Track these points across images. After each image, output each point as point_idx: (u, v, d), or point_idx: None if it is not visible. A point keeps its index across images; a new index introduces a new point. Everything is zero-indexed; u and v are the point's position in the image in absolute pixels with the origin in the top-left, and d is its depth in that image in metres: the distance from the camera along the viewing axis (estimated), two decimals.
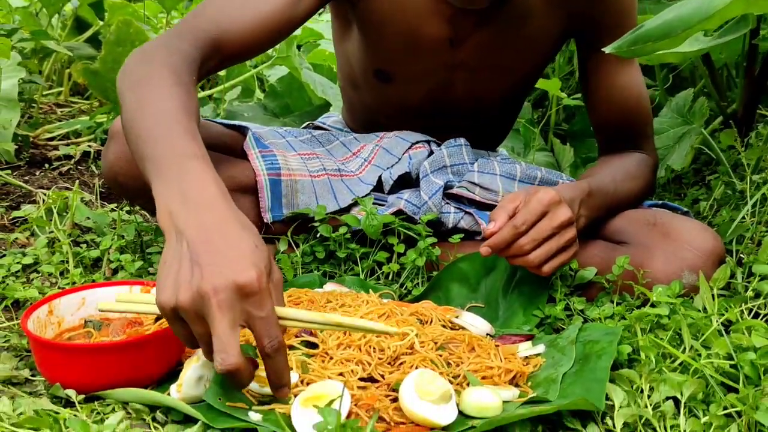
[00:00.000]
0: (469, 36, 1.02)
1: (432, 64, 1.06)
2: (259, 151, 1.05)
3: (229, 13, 0.88)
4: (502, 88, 1.12)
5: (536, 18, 1.02)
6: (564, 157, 1.64)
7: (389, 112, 1.17)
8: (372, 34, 1.06)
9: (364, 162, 1.14)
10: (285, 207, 1.04)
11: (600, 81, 1.05)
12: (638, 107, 1.06)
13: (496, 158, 1.18)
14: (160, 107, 0.72)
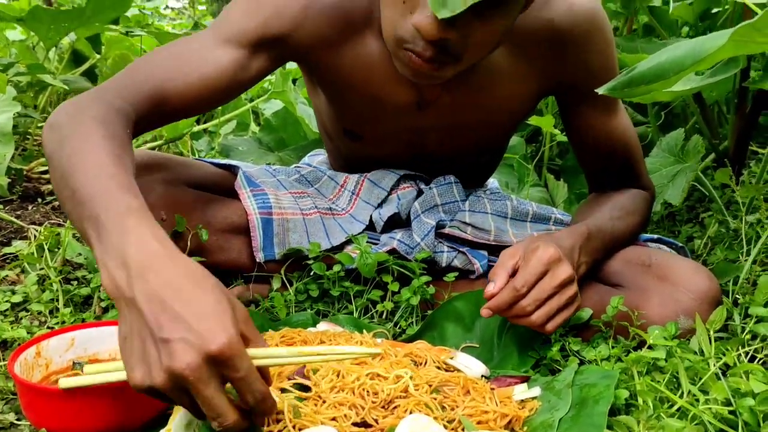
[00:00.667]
0: (436, 99, 1.00)
1: (400, 126, 1.04)
2: (250, 191, 1.05)
3: (169, 71, 0.85)
4: (478, 143, 1.11)
5: (507, 80, 0.99)
6: (558, 193, 1.64)
7: (366, 163, 1.16)
8: (336, 96, 1.04)
9: (352, 195, 1.14)
10: (277, 246, 1.04)
11: (585, 130, 1.04)
12: (627, 150, 1.05)
13: (487, 194, 1.18)
14: (92, 162, 0.66)
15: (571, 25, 0.95)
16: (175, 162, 1.03)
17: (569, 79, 1.00)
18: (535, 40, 0.96)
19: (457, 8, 0.70)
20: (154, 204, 0.93)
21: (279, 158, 1.90)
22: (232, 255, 1.03)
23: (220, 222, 1.02)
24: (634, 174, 1.07)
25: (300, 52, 0.95)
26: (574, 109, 1.04)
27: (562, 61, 0.98)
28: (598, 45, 0.97)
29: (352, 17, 0.94)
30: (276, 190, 1.10)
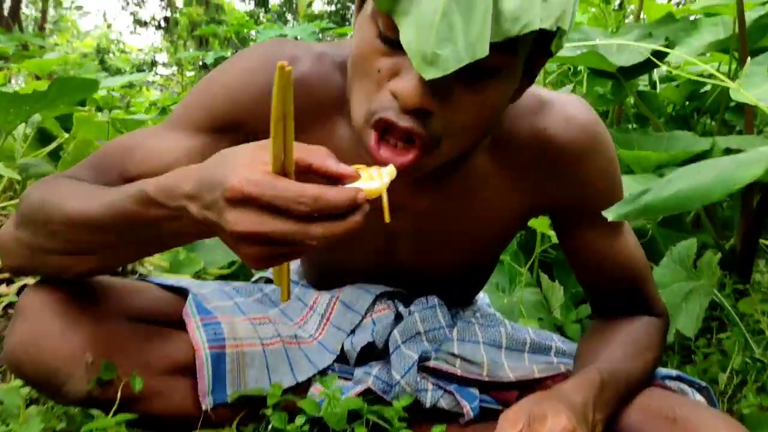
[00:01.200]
0: (406, 203, 0.86)
1: (366, 230, 0.91)
2: (200, 319, 0.90)
3: (129, 162, 0.82)
4: (458, 259, 0.96)
5: (492, 191, 0.86)
6: (553, 296, 1.50)
7: (335, 274, 1.02)
8: None
9: (322, 319, 0.98)
10: (230, 386, 0.88)
11: (587, 254, 0.91)
12: (635, 274, 0.92)
13: (478, 318, 1.03)
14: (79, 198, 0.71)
15: (568, 138, 0.83)
16: (111, 289, 0.88)
17: (566, 200, 0.87)
18: (527, 150, 0.84)
19: (449, 67, 0.60)
20: (80, 345, 0.79)
21: None
22: (174, 401, 0.86)
23: (161, 361, 0.86)
24: (643, 299, 0.93)
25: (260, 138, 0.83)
26: (573, 231, 0.91)
27: (557, 178, 0.85)
28: (600, 163, 0.85)
29: (319, 100, 0.83)
30: (232, 317, 0.94)
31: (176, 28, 15.37)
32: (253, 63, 0.83)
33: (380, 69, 0.67)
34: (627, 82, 1.57)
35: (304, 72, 0.82)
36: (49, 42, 13.06)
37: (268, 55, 0.83)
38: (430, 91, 0.64)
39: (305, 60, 0.83)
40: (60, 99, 2.02)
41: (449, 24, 0.60)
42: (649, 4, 2.11)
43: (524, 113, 0.82)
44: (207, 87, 0.86)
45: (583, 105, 0.85)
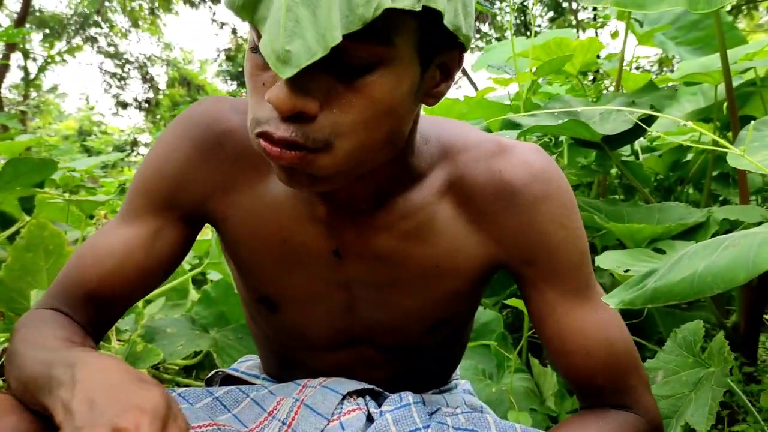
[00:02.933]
0: (357, 246, 0.79)
1: (318, 283, 0.83)
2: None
3: (89, 267, 0.79)
4: (419, 313, 0.86)
5: (445, 237, 0.79)
6: (546, 383, 1.37)
7: (292, 346, 0.92)
8: (243, 253, 0.85)
9: (282, 426, 0.85)
10: None
11: (550, 324, 0.79)
12: (609, 357, 0.78)
13: (458, 418, 0.90)
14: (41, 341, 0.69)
15: (524, 183, 0.76)
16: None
17: (521, 251, 0.78)
18: (481, 194, 0.77)
19: (301, 62, 0.55)
20: None
21: (215, 341, 1.62)
22: None
23: None
24: (623, 391, 0.79)
25: (198, 210, 0.82)
26: (532, 292, 0.80)
27: (511, 225, 0.77)
28: (556, 210, 0.76)
29: (249, 152, 0.78)
30: None
31: (158, 108, 15.58)
32: (176, 132, 0.81)
33: (264, 83, 0.63)
34: (612, 152, 1.50)
35: (230, 125, 0.79)
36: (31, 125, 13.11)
37: (188, 121, 0.81)
38: (301, 92, 0.59)
39: (230, 114, 0.80)
40: (15, 180, 1.92)
41: (296, 18, 0.56)
42: (627, 76, 2.08)
43: (481, 156, 0.77)
44: (141, 171, 0.83)
45: (541, 152, 0.79)
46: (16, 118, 7.34)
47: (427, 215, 0.78)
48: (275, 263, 0.82)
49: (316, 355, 0.90)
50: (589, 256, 0.80)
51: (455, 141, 0.79)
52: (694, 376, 0.93)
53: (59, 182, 2.19)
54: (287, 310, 0.86)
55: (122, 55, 16.73)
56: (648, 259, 1.18)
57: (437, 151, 0.78)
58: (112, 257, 0.79)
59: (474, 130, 0.82)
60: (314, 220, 0.78)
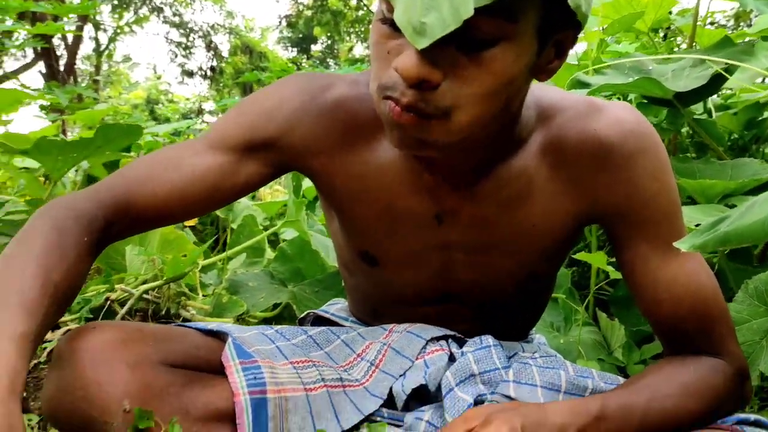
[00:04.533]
0: (458, 212, 0.85)
1: (419, 244, 0.89)
2: (240, 363, 0.85)
3: (142, 177, 0.82)
4: (512, 272, 0.91)
5: (542, 196, 0.83)
6: (613, 335, 1.40)
7: (387, 299, 0.99)
8: (347, 210, 0.90)
9: (371, 366, 0.93)
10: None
11: (641, 272, 0.82)
12: (698, 305, 0.81)
13: (536, 360, 0.95)
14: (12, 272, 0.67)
15: (619, 140, 0.79)
16: (149, 336, 0.84)
17: (616, 205, 0.82)
18: (577, 152, 0.81)
19: (436, 34, 0.59)
20: (116, 394, 0.75)
21: (293, 294, 1.71)
22: None
23: (201, 409, 0.81)
24: (711, 337, 0.82)
25: (296, 161, 0.87)
26: (625, 243, 0.83)
27: (607, 181, 0.81)
28: (651, 164, 0.80)
29: (359, 120, 0.83)
30: (272, 361, 0.89)
31: (221, 76, 15.87)
32: (289, 89, 0.86)
33: (389, 51, 0.67)
34: (684, 110, 1.49)
35: (342, 95, 0.84)
36: (103, 95, 13.60)
37: (303, 84, 0.85)
38: (428, 62, 0.63)
39: (341, 85, 0.85)
40: (106, 145, 2.05)
41: None
42: (701, 32, 2.03)
43: (575, 117, 0.80)
44: (242, 107, 0.88)
45: (633, 110, 0.82)
46: (91, 88, 7.67)
47: (526, 180, 0.82)
48: (379, 224, 0.88)
49: (407, 307, 0.97)
50: (680, 208, 0.83)
51: (550, 104, 0.82)
52: (764, 325, 0.96)
53: (143, 146, 2.32)
54: (386, 266, 0.93)
55: (186, 24, 17.07)
56: (720, 214, 1.19)
57: (535, 116, 0.82)
58: (170, 178, 0.82)
59: (566, 93, 0.85)
60: (418, 187, 0.83)
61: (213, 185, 0.84)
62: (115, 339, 0.80)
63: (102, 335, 0.80)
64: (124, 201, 0.81)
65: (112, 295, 1.58)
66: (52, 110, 6.23)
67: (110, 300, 1.57)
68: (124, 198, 0.81)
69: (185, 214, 0.86)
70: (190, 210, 0.85)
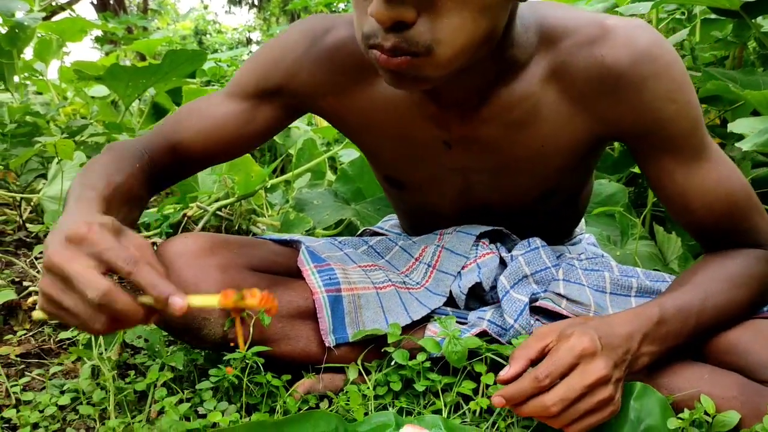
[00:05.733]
0: (465, 137, 0.87)
1: (434, 168, 0.93)
2: (314, 266, 0.94)
3: (180, 124, 0.92)
4: (529, 189, 0.94)
5: (549, 119, 0.84)
6: (670, 248, 1.44)
7: (423, 215, 1.06)
8: (365, 143, 0.98)
9: (428, 268, 1.01)
10: (349, 326, 0.91)
11: (669, 185, 0.83)
12: (731, 206, 0.83)
13: (581, 263, 1.00)
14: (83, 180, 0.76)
15: (628, 65, 0.77)
16: (233, 244, 0.93)
17: (633, 126, 0.81)
18: (585, 79, 0.80)
19: None
20: (210, 292, 0.84)
21: (356, 211, 1.79)
22: (300, 344, 0.91)
23: (284, 307, 0.90)
24: (747, 231, 0.85)
25: (306, 103, 0.94)
26: (650, 160, 0.84)
27: (618, 107, 0.80)
28: (665, 86, 0.78)
29: (357, 61, 0.87)
30: (344, 265, 0.98)
31: (268, 4, 15.67)
32: (293, 35, 0.91)
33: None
34: (752, 21, 1.46)
35: (345, 37, 0.88)
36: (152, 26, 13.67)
37: (307, 29, 0.90)
38: (397, 3, 0.64)
39: (341, 28, 0.88)
40: (172, 71, 2.13)
41: None
42: None
43: (582, 42, 0.79)
44: (255, 57, 0.94)
45: (647, 29, 0.79)
46: (143, 18, 7.73)
47: (531, 103, 0.83)
48: (394, 152, 0.94)
49: (444, 221, 1.04)
50: (702, 120, 0.82)
51: (555, 26, 0.81)
52: None
53: (208, 73, 2.39)
54: (411, 189, 0.99)
55: None
56: None
57: (537, 39, 0.81)
58: (203, 124, 0.91)
59: (575, 12, 0.83)
60: (424, 116, 0.87)
61: (235, 130, 0.92)
62: (206, 245, 0.89)
63: (195, 242, 0.89)
64: (162, 143, 0.91)
65: (188, 211, 1.69)
66: (107, 42, 6.35)
67: (186, 216, 1.68)
68: (162, 141, 0.91)
69: (221, 156, 0.95)
70: (222, 153, 0.94)
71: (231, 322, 0.86)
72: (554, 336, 0.72)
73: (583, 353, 0.69)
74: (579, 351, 0.69)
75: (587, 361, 0.69)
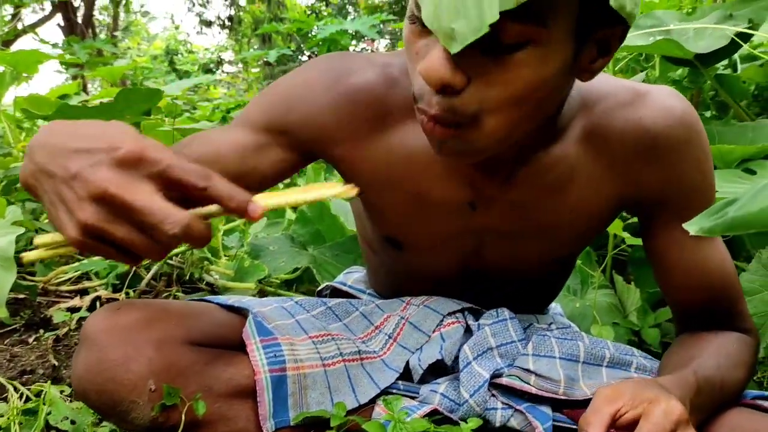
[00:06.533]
0: (494, 198, 0.84)
1: (449, 230, 0.89)
2: (260, 341, 0.89)
3: (184, 148, 0.83)
4: (543, 255, 0.92)
5: (581, 182, 0.83)
6: (629, 299, 1.42)
7: (411, 277, 1.00)
8: (373, 197, 0.90)
9: (389, 339, 0.96)
10: (292, 408, 0.86)
11: (673, 256, 0.84)
12: (723, 285, 0.84)
13: (553, 330, 0.98)
14: None
15: (664, 127, 0.78)
16: (172, 314, 0.88)
17: (657, 193, 0.82)
18: (620, 140, 0.80)
19: (467, 39, 0.58)
20: (142, 373, 0.79)
21: (313, 258, 1.75)
22: (238, 425, 0.85)
23: (223, 385, 0.85)
24: (733, 315, 0.86)
25: (320, 146, 0.86)
26: (661, 229, 0.84)
27: (650, 169, 0.80)
28: (695, 155, 0.79)
29: (387, 105, 0.82)
30: (293, 337, 0.93)
31: (240, 26, 15.65)
32: (313, 75, 0.84)
33: (417, 52, 0.66)
34: (706, 69, 1.46)
35: (369, 80, 0.82)
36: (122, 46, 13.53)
37: (328, 68, 0.84)
38: (451, 65, 0.62)
39: (368, 70, 0.83)
40: (126, 109, 2.07)
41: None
42: None
43: (619, 105, 0.79)
44: (269, 92, 0.88)
45: (679, 96, 0.81)
46: (110, 42, 7.64)
47: (566, 166, 0.81)
48: (407, 212, 0.87)
49: (429, 285, 0.99)
50: (715, 197, 0.83)
51: (591, 91, 0.81)
52: None
53: (164, 110, 2.34)
54: (413, 251, 0.93)
55: None
56: (738, 179, 1.19)
57: (576, 103, 0.80)
58: (210, 146, 0.83)
59: (609, 78, 0.83)
60: (452, 175, 0.82)
61: (239, 159, 0.83)
62: (140, 319, 0.83)
63: (127, 316, 0.83)
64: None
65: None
66: (72, 65, 6.25)
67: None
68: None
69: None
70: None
71: (160, 408, 0.81)
72: (625, 400, 0.67)
73: (680, 419, 0.65)
74: (676, 417, 0.65)
75: (683, 428, 0.65)
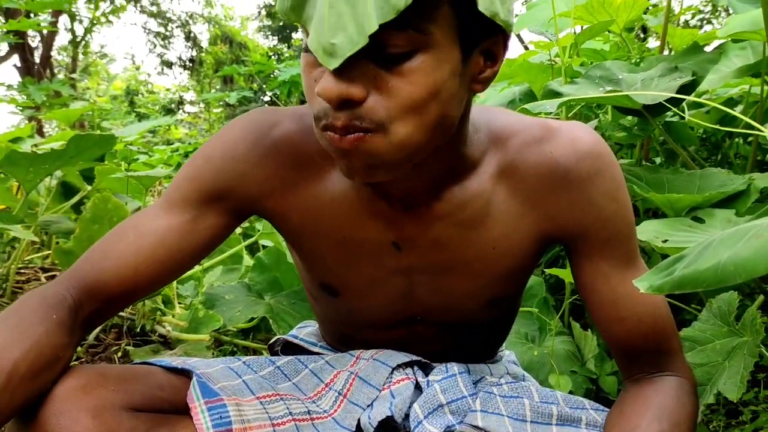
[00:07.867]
0: (416, 237, 0.84)
1: (379, 272, 0.88)
2: (205, 402, 0.85)
3: (107, 253, 0.82)
4: (474, 294, 0.91)
5: (501, 218, 0.84)
6: (586, 346, 1.42)
7: (352, 325, 0.99)
8: (304, 246, 0.90)
9: (339, 396, 0.94)
10: None
11: (600, 294, 0.83)
12: (656, 321, 0.84)
13: (502, 387, 0.96)
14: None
15: (575, 162, 0.80)
16: (110, 379, 0.83)
17: (574, 225, 0.82)
18: (534, 175, 0.81)
19: (345, 52, 0.61)
20: None
21: (269, 307, 1.71)
22: None
23: None
24: (668, 354, 0.85)
25: (251, 205, 0.86)
26: (586, 263, 0.84)
27: (564, 202, 0.82)
28: (607, 185, 0.81)
29: (308, 153, 0.83)
30: (239, 398, 0.89)
31: (202, 67, 15.69)
32: (234, 134, 0.85)
33: (315, 79, 0.68)
34: (654, 119, 1.50)
35: (289, 130, 0.83)
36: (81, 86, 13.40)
37: (248, 124, 0.85)
38: (345, 80, 0.64)
39: (286, 121, 0.84)
40: (78, 156, 2.03)
41: (338, 13, 0.61)
42: (673, 32, 2.04)
43: (531, 140, 0.81)
44: (193, 162, 0.88)
45: (588, 130, 0.83)
46: (67, 83, 7.55)
47: (483, 202, 0.82)
48: (336, 256, 0.87)
49: (372, 332, 0.97)
50: (635, 225, 0.85)
51: (504, 127, 0.83)
52: (727, 345, 0.97)
53: (118, 156, 2.30)
54: (348, 296, 0.92)
55: (164, 13, 16.84)
56: (687, 228, 1.21)
57: (487, 139, 0.82)
58: (134, 248, 0.81)
59: (520, 116, 0.85)
60: (373, 215, 0.83)
61: (177, 246, 0.83)
62: (76, 386, 0.78)
63: (62, 383, 0.78)
64: (93, 279, 0.80)
65: None
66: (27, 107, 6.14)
67: None
68: (93, 276, 0.81)
69: (156, 281, 0.84)
70: (161, 275, 0.84)
71: None
72: None
73: None
74: None
75: None
